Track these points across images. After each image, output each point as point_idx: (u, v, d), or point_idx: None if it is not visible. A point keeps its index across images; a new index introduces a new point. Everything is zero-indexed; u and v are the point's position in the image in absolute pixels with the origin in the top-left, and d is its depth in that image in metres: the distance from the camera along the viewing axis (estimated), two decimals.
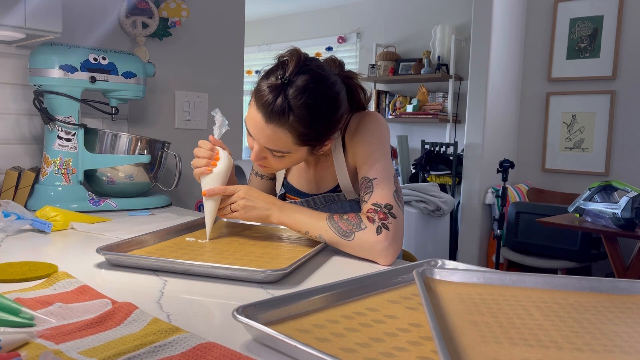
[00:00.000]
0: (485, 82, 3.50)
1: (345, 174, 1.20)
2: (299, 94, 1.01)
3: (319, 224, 1.07)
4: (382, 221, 1.04)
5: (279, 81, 1.02)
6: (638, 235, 2.35)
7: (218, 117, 1.13)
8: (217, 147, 1.14)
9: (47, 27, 1.36)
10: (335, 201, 1.24)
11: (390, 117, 4.52)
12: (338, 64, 1.20)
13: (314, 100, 1.02)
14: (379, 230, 1.03)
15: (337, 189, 1.24)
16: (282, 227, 1.28)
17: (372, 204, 1.07)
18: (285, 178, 1.33)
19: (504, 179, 3.19)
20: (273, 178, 1.40)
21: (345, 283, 0.77)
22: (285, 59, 1.06)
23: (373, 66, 4.57)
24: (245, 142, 1.39)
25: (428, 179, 4.01)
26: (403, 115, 4.36)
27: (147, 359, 0.56)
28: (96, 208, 1.49)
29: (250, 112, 1.07)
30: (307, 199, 1.25)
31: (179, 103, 1.98)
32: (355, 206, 1.22)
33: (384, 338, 0.63)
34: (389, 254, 1.02)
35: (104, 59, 1.51)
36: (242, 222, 1.32)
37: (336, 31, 5.19)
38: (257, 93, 1.05)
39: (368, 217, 1.05)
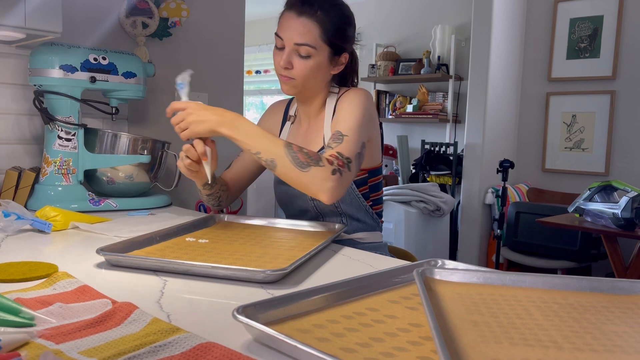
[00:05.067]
0: (485, 82, 3.49)
1: (329, 133, 1.29)
2: None
3: (274, 149, 1.10)
4: (340, 167, 1.11)
5: None
6: (638, 235, 2.35)
7: (185, 76, 1.19)
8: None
9: (47, 27, 1.36)
10: None
11: (390, 117, 4.52)
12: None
13: (337, 2, 1.25)
14: (334, 172, 1.09)
15: (320, 149, 1.30)
16: (282, 226, 1.28)
17: (337, 152, 1.13)
18: None
19: (504, 179, 3.19)
20: None
21: (345, 283, 0.77)
22: None
23: (373, 66, 4.57)
24: None
25: (428, 179, 4.00)
26: (403, 115, 4.36)
27: (147, 359, 0.56)
28: (96, 208, 1.49)
29: (281, 20, 1.26)
30: None
31: None
32: None
33: (384, 338, 0.63)
34: (335, 194, 1.10)
35: (104, 59, 1.51)
36: (242, 222, 1.32)
37: None
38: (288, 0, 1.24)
39: (328, 159, 1.11)
